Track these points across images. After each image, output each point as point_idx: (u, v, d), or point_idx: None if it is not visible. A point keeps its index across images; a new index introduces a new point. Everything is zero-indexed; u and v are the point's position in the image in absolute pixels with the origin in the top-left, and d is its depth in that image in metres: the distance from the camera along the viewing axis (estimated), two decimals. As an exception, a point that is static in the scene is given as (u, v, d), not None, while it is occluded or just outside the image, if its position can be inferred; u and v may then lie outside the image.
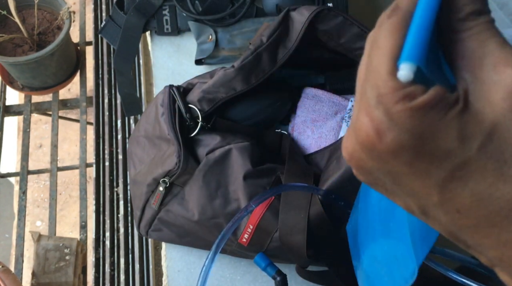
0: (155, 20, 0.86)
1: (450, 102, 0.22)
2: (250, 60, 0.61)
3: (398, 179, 0.24)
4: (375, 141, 0.22)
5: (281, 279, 0.54)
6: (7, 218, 1.83)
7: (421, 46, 0.22)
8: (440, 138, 0.22)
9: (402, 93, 0.21)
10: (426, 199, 0.24)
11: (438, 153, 0.22)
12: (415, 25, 0.22)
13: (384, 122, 0.22)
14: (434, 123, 0.21)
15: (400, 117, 0.21)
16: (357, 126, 0.23)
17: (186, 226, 0.64)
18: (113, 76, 1.20)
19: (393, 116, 0.22)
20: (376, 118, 0.22)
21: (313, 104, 0.69)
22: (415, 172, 0.23)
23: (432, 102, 0.21)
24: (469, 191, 0.22)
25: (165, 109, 0.62)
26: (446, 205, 0.23)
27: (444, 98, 0.21)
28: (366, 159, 0.24)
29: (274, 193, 0.56)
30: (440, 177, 0.22)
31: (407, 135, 0.22)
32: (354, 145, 0.24)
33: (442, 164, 0.22)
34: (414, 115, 0.21)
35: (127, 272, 0.98)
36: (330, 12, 0.61)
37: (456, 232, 0.24)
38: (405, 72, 0.21)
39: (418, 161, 0.22)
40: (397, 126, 0.22)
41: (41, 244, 0.98)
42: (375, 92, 0.22)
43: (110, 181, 1.08)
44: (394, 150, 0.22)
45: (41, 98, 1.30)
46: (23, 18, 1.15)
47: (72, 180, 1.88)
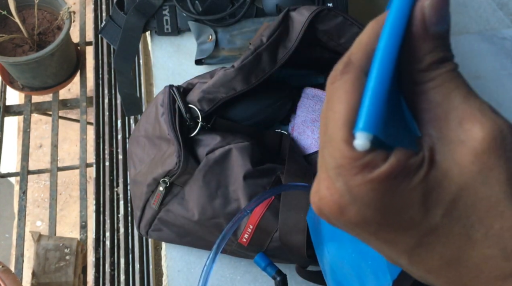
0: (155, 20, 0.86)
1: (414, 168, 0.20)
2: (250, 60, 0.61)
3: (367, 241, 0.24)
4: (338, 215, 0.22)
5: (281, 279, 0.54)
6: (7, 218, 1.84)
7: (378, 112, 0.20)
8: (403, 209, 0.20)
9: (361, 163, 0.20)
10: (397, 259, 0.23)
11: (402, 224, 0.21)
12: (371, 87, 0.20)
13: (345, 197, 0.21)
14: (397, 194, 0.20)
15: (360, 191, 0.20)
16: (320, 195, 0.22)
17: (186, 226, 0.64)
18: (113, 76, 1.20)
19: (352, 190, 0.20)
20: (336, 192, 0.21)
21: (313, 104, 0.69)
22: (382, 241, 0.22)
23: (393, 172, 0.20)
24: (437, 254, 0.22)
25: (165, 109, 0.62)
26: (416, 267, 0.23)
27: (407, 164, 0.20)
28: (334, 222, 0.23)
29: (274, 193, 0.56)
30: (407, 244, 0.22)
31: (369, 210, 0.21)
32: (320, 208, 0.23)
33: (407, 233, 0.21)
34: (374, 188, 0.20)
35: (127, 272, 0.98)
36: (330, 12, 0.61)
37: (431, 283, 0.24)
38: (361, 142, 0.20)
39: (382, 232, 0.22)
40: (358, 201, 0.21)
41: (41, 244, 0.98)
42: (333, 163, 0.21)
43: (110, 181, 1.08)
44: (357, 223, 0.22)
45: (41, 98, 1.30)
46: (23, 18, 1.15)
47: (72, 180, 1.88)
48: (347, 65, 0.22)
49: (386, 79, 0.20)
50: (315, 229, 0.52)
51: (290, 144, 0.67)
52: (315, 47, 0.67)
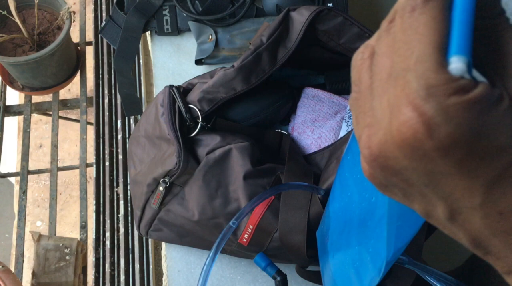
0: (155, 20, 0.86)
1: (498, 97, 0.21)
2: (250, 60, 0.61)
3: (436, 180, 0.22)
4: (425, 138, 0.21)
5: (281, 279, 0.54)
6: (7, 218, 1.84)
7: (470, 38, 0.21)
8: (494, 134, 0.21)
9: (456, 85, 0.20)
10: (464, 201, 0.23)
11: (491, 150, 0.21)
12: (460, 15, 0.21)
13: (437, 117, 0.20)
14: (489, 118, 0.20)
15: (457, 111, 0.20)
16: (397, 122, 0.21)
17: (186, 225, 0.64)
18: (113, 76, 1.20)
19: (448, 109, 0.20)
20: (427, 112, 0.20)
21: (313, 104, 0.69)
22: (463, 172, 0.22)
23: (485, 96, 0.20)
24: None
25: (165, 109, 0.62)
26: (488, 207, 0.22)
27: (493, 93, 0.21)
28: (402, 158, 0.22)
29: (274, 192, 0.56)
30: (489, 176, 0.21)
31: (463, 131, 0.20)
32: (385, 143, 0.22)
33: (493, 162, 0.21)
34: (470, 108, 0.20)
35: (127, 272, 0.98)
36: (330, 12, 0.61)
37: (486, 236, 0.23)
38: (458, 65, 0.20)
39: (469, 159, 0.21)
40: (453, 121, 0.20)
41: (41, 244, 0.98)
42: (424, 84, 0.20)
43: (110, 181, 1.08)
44: (447, 147, 0.21)
45: (41, 98, 1.30)
46: (23, 18, 1.15)
47: (72, 180, 1.88)
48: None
49: (472, 11, 0.21)
50: (323, 243, 0.52)
51: (290, 144, 0.67)
52: (315, 47, 0.67)
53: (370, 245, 0.37)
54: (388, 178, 0.24)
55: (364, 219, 0.38)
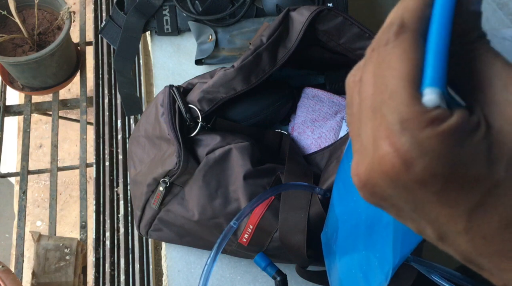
0: (155, 20, 0.86)
1: (476, 124, 0.21)
2: (250, 60, 0.61)
3: (420, 207, 0.23)
4: (402, 172, 0.21)
5: (281, 279, 0.54)
6: (7, 218, 1.84)
7: (444, 69, 0.21)
8: (470, 164, 0.21)
9: (429, 117, 0.20)
10: (449, 226, 0.23)
11: (468, 180, 0.21)
12: (434, 46, 0.21)
13: (412, 151, 0.21)
14: (464, 148, 0.20)
15: (431, 144, 0.20)
16: (378, 155, 0.22)
17: (186, 225, 0.64)
18: (113, 76, 1.20)
19: (422, 143, 0.20)
20: (402, 146, 0.21)
21: (313, 104, 0.69)
22: (443, 201, 0.22)
23: (460, 126, 0.20)
24: (497, 216, 0.22)
25: (165, 109, 0.62)
26: (471, 232, 0.23)
27: (469, 121, 0.21)
28: (386, 188, 0.23)
29: (274, 192, 0.56)
30: (469, 204, 0.22)
31: (439, 163, 0.21)
32: (370, 173, 0.23)
33: (472, 191, 0.21)
34: (444, 140, 0.20)
35: (127, 272, 0.98)
36: (330, 12, 0.61)
37: (475, 257, 0.24)
38: (431, 97, 0.20)
39: (447, 189, 0.21)
40: (428, 155, 0.20)
41: (41, 244, 0.98)
42: (398, 118, 0.21)
43: (110, 181, 1.08)
44: (424, 180, 0.21)
45: (41, 98, 1.30)
46: (23, 18, 1.15)
47: (72, 180, 1.88)
48: (401, 27, 0.22)
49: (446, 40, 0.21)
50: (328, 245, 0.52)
51: (290, 144, 0.67)
52: (315, 47, 0.67)
53: (377, 249, 0.37)
54: (379, 202, 0.25)
55: (371, 224, 0.38)
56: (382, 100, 0.22)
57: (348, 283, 0.44)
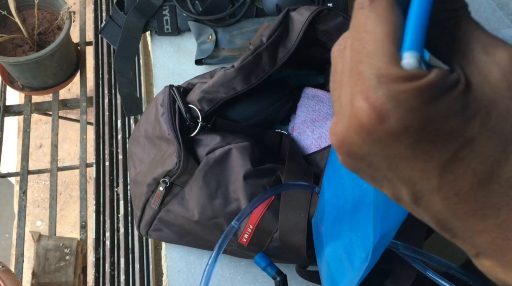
0: (155, 20, 0.86)
1: (453, 82, 0.22)
2: (250, 60, 0.61)
3: (395, 164, 0.23)
4: (377, 124, 0.22)
5: (281, 279, 0.54)
6: (7, 218, 1.84)
7: (423, 34, 0.21)
8: (444, 118, 0.21)
9: (407, 74, 0.21)
10: (423, 184, 0.23)
11: (442, 133, 0.22)
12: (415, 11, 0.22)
13: (387, 103, 0.21)
14: (440, 103, 0.21)
15: (406, 98, 0.21)
16: (354, 110, 0.22)
17: (186, 225, 0.64)
18: (113, 76, 1.20)
19: (398, 96, 0.21)
20: (378, 99, 0.21)
21: (313, 104, 0.69)
22: (417, 155, 0.22)
23: (437, 82, 0.21)
24: (471, 171, 0.22)
25: (165, 109, 0.62)
26: (444, 189, 0.23)
27: (448, 78, 0.21)
28: (362, 144, 0.23)
29: (274, 192, 0.56)
30: (443, 158, 0.22)
31: (413, 116, 0.21)
32: (347, 130, 0.23)
33: (446, 145, 0.22)
34: (420, 95, 0.21)
35: (127, 272, 0.98)
36: (330, 12, 0.61)
37: (448, 219, 0.24)
38: (411, 61, 0.21)
39: (421, 143, 0.22)
40: (402, 107, 0.21)
41: (41, 244, 0.98)
42: (375, 73, 0.21)
43: (110, 181, 1.08)
44: (398, 132, 0.22)
45: (41, 98, 1.30)
46: (23, 18, 1.15)
47: (72, 180, 1.88)
48: None
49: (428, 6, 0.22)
50: (317, 231, 0.52)
51: (290, 144, 0.67)
52: (315, 47, 0.67)
53: (360, 229, 0.38)
54: (356, 164, 0.25)
55: (356, 205, 0.39)
56: (360, 59, 0.22)
57: (334, 264, 0.45)
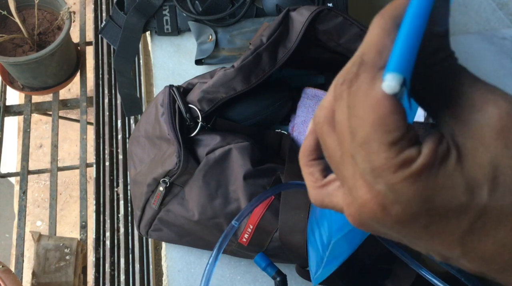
0: (155, 20, 0.86)
1: (445, 153, 0.21)
2: (250, 60, 0.61)
3: (415, 240, 0.23)
4: (384, 215, 0.22)
5: (281, 279, 0.54)
6: (7, 218, 1.84)
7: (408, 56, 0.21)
8: (448, 195, 0.21)
9: (398, 161, 0.20)
10: (448, 253, 0.23)
11: (451, 210, 0.21)
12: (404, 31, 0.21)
13: (388, 196, 0.21)
14: (438, 183, 0.20)
15: (404, 187, 0.20)
16: (359, 201, 0.22)
17: (186, 225, 0.64)
18: (113, 76, 1.20)
19: (395, 187, 0.21)
20: (378, 194, 0.21)
21: (313, 104, 0.69)
22: (433, 233, 0.22)
23: (430, 161, 0.20)
24: (491, 239, 0.21)
25: (165, 109, 0.62)
26: (469, 255, 0.23)
27: (439, 152, 0.21)
28: (378, 227, 0.23)
29: (274, 192, 0.56)
30: (460, 232, 0.22)
31: (415, 203, 0.21)
32: (360, 215, 0.23)
33: (459, 220, 0.21)
34: (416, 180, 0.20)
35: (127, 272, 0.98)
36: (330, 12, 0.61)
37: (483, 273, 0.24)
38: (391, 83, 0.20)
39: (433, 223, 0.21)
40: (403, 197, 0.21)
41: (41, 244, 0.98)
42: (369, 166, 0.21)
43: (110, 181, 1.08)
44: (406, 220, 0.21)
45: (41, 98, 1.30)
46: (23, 18, 1.15)
47: (72, 180, 1.88)
48: (360, 65, 0.22)
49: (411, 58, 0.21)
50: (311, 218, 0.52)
51: (290, 144, 0.67)
52: (315, 47, 0.67)
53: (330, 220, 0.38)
54: (379, 235, 0.25)
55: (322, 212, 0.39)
56: (353, 148, 0.22)
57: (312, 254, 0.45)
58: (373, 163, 0.21)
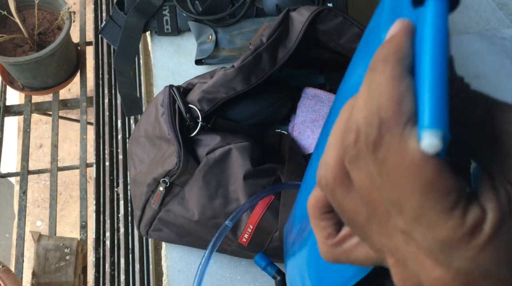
0: (155, 20, 0.86)
1: (509, 203, 0.18)
2: (250, 60, 0.61)
3: None
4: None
5: (281, 278, 0.54)
6: (8, 218, 1.84)
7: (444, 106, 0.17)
8: None
9: (468, 227, 0.17)
10: None
11: None
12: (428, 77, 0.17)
13: (473, 272, 0.18)
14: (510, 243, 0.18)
15: (486, 257, 0.17)
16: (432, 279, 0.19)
17: (186, 225, 0.64)
18: (113, 76, 1.20)
19: (477, 260, 0.17)
20: (458, 271, 0.18)
21: (313, 104, 0.69)
22: None
23: (501, 216, 0.18)
24: None
25: (165, 109, 0.62)
26: None
27: (503, 201, 0.18)
28: None
29: (272, 191, 0.56)
30: None
31: (504, 270, 0.18)
32: None
33: None
34: (497, 245, 0.18)
35: (127, 272, 0.98)
36: (330, 12, 0.61)
37: None
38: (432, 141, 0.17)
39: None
40: (489, 268, 0.18)
41: (41, 244, 0.98)
42: (434, 242, 0.18)
43: (110, 181, 1.08)
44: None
45: (42, 98, 1.30)
46: (23, 18, 1.15)
47: (72, 180, 1.88)
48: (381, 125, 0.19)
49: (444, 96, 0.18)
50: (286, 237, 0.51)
51: (290, 144, 0.67)
52: (315, 47, 0.67)
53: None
54: None
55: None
56: (406, 224, 0.19)
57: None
58: (440, 237, 0.18)
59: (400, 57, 0.19)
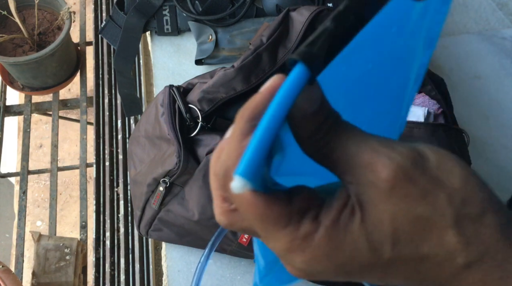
0: (155, 20, 0.86)
1: (348, 217, 0.22)
2: (250, 60, 0.61)
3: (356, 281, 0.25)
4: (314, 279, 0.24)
5: (281, 279, 0.54)
6: (8, 218, 1.84)
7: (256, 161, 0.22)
8: (356, 255, 0.22)
9: (300, 240, 0.22)
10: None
11: (363, 267, 0.23)
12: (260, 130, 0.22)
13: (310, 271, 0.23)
14: (344, 244, 0.22)
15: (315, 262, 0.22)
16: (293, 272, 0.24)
17: (186, 225, 0.64)
18: (113, 76, 1.20)
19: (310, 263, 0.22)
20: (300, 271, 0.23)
21: (313, 104, 0.69)
22: (356, 279, 0.24)
23: (330, 232, 0.22)
24: (401, 275, 0.23)
25: (165, 109, 0.62)
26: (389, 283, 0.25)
27: (341, 218, 0.22)
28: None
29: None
30: (377, 276, 0.23)
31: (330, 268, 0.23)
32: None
33: (372, 271, 0.23)
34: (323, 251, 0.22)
35: (127, 272, 0.98)
36: (330, 13, 0.61)
37: None
38: (238, 184, 0.22)
39: (351, 275, 0.23)
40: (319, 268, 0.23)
41: (41, 244, 0.98)
42: (279, 252, 0.23)
43: (110, 181, 1.08)
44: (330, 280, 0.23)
45: (42, 98, 1.30)
46: (23, 18, 1.15)
47: (72, 180, 1.88)
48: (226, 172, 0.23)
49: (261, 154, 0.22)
50: None
51: (290, 144, 0.67)
52: (315, 47, 0.67)
53: None
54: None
55: None
56: (265, 240, 0.24)
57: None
58: (283, 247, 0.23)
59: (252, 117, 0.25)
